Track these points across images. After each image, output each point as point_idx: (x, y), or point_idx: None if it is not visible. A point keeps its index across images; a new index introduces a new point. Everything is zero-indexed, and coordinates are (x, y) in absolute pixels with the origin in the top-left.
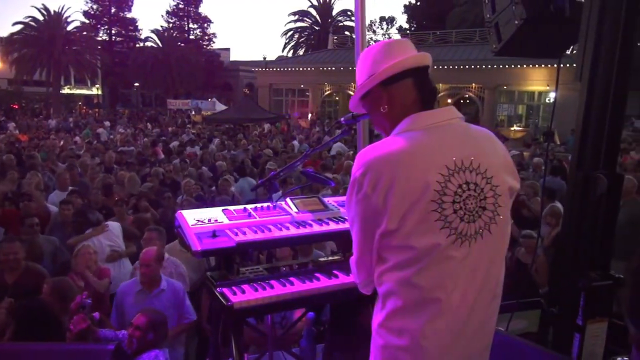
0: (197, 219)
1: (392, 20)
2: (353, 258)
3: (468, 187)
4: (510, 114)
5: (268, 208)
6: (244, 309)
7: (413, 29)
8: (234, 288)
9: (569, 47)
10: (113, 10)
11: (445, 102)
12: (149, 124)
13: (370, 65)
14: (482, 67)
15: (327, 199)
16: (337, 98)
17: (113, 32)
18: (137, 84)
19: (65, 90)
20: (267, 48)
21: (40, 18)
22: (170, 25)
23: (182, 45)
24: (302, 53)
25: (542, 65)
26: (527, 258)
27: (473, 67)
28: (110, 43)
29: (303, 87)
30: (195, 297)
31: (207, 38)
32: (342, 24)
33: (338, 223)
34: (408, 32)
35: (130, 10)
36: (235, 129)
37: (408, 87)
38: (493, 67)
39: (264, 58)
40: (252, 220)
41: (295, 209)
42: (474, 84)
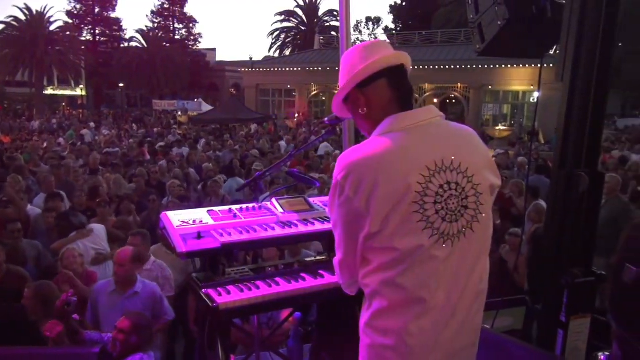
0: (182, 220)
1: (378, 21)
2: (336, 259)
3: (449, 186)
4: (496, 114)
5: (253, 209)
6: (230, 310)
7: (399, 29)
8: (219, 289)
9: (552, 47)
10: (97, 10)
11: (431, 101)
12: (135, 125)
13: (349, 69)
14: (467, 67)
15: (312, 199)
16: (323, 98)
17: (97, 32)
18: (122, 85)
19: (49, 91)
20: (253, 48)
21: (23, 18)
22: (155, 25)
23: (167, 46)
24: (288, 53)
25: (525, 65)
26: (510, 256)
27: (458, 67)
28: (94, 43)
29: (290, 87)
30: (182, 299)
31: (192, 38)
32: (328, 24)
33: (324, 223)
34: (394, 32)
35: (115, 10)
36: (222, 130)
37: (383, 87)
38: (478, 67)
39: (251, 58)
40: (237, 221)
41: (281, 210)
42: (460, 84)
